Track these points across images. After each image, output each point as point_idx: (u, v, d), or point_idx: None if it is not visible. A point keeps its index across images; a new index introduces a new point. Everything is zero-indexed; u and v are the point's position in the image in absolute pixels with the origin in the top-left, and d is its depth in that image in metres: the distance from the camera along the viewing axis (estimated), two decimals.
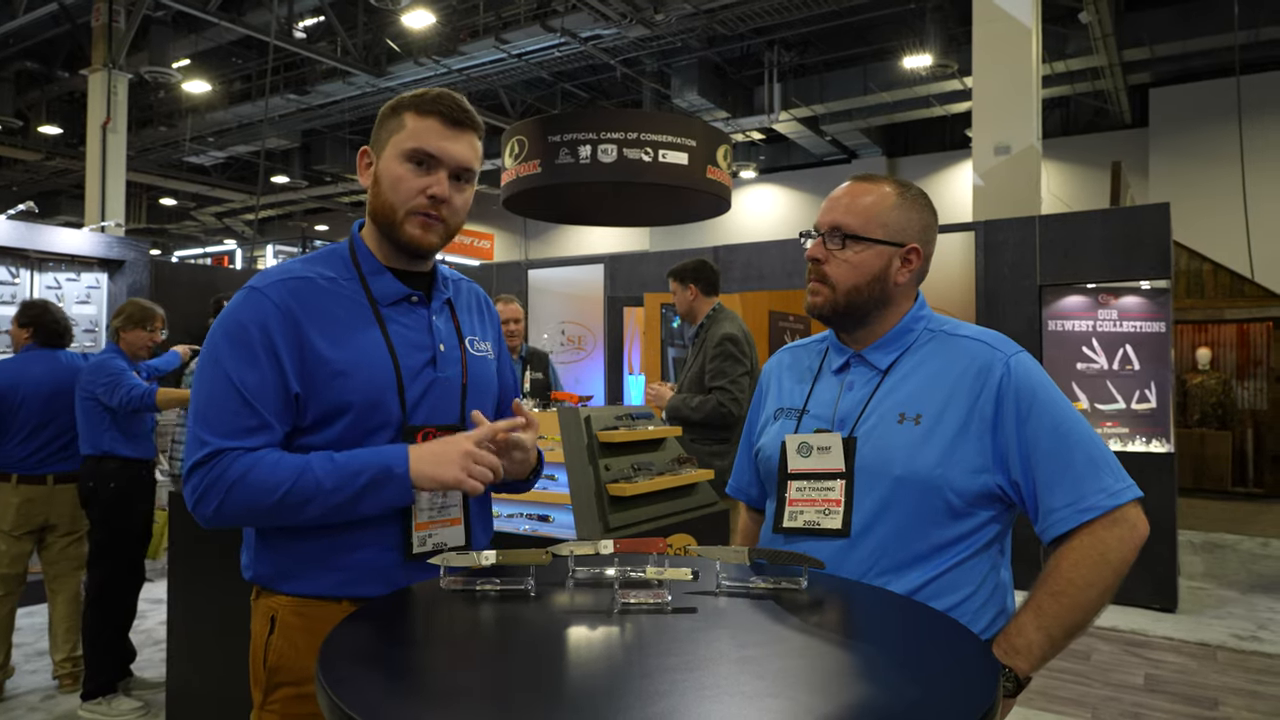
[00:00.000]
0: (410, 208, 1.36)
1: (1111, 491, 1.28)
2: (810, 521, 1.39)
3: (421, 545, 1.36)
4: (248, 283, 1.36)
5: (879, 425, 1.38)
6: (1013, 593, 1.43)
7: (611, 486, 2.53)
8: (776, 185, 16.87)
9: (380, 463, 1.27)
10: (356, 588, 1.32)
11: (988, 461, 1.32)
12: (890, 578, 1.33)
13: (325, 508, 1.26)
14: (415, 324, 1.41)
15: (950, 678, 0.97)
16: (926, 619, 1.16)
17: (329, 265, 1.40)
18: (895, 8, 10.93)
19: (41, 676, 3.93)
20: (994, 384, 1.34)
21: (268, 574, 1.36)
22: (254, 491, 1.25)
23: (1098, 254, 5.49)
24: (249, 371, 1.28)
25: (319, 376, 1.31)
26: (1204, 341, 10.42)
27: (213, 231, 22.95)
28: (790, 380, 1.56)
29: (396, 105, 1.38)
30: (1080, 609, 1.26)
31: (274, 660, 1.33)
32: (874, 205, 1.43)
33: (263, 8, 11.16)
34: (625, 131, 6.41)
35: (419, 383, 1.38)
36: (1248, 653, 4.45)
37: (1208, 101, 11.84)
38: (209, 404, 1.29)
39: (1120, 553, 1.26)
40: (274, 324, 1.30)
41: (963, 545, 1.34)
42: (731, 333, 3.79)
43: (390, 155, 1.36)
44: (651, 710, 0.82)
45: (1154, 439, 5.58)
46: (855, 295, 1.42)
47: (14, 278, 5.18)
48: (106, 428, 3.57)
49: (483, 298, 1.61)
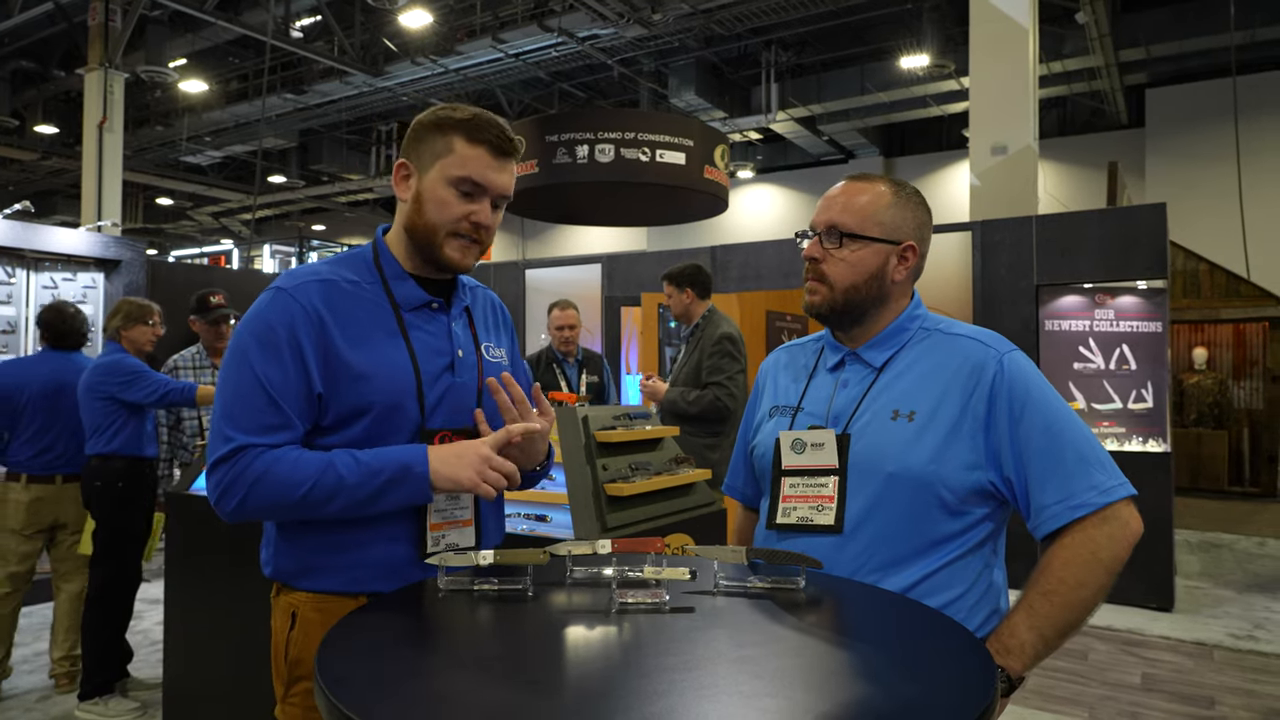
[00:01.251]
0: (451, 230, 1.39)
1: (1103, 489, 1.28)
2: (804, 518, 1.40)
3: (435, 545, 1.39)
4: (274, 283, 1.39)
5: (872, 422, 1.38)
6: (1006, 594, 1.43)
7: (609, 486, 2.53)
8: (774, 185, 16.87)
9: (401, 461, 1.31)
10: (372, 584, 1.36)
11: (980, 459, 1.33)
12: (883, 574, 1.33)
13: (347, 503, 1.30)
14: (435, 330, 1.44)
15: (948, 677, 0.97)
16: (924, 618, 1.16)
17: (352, 269, 1.43)
18: (892, 8, 10.94)
19: (39, 676, 3.92)
20: (987, 382, 1.34)
21: (288, 570, 1.40)
22: (277, 487, 1.28)
23: (1094, 254, 5.50)
24: (275, 370, 1.32)
25: (341, 378, 1.34)
26: (1200, 341, 10.44)
27: (209, 231, 22.91)
28: (786, 378, 1.57)
29: (442, 124, 1.38)
30: (1072, 608, 1.26)
31: (295, 654, 1.37)
32: (870, 204, 1.43)
33: (259, 7, 11.15)
34: (623, 131, 6.42)
35: (437, 387, 1.41)
36: (1244, 652, 4.46)
37: (1204, 102, 11.86)
38: (235, 400, 1.32)
39: (1111, 550, 1.26)
40: (300, 325, 1.33)
41: (956, 543, 1.34)
42: (730, 333, 4.00)
43: (436, 178, 1.38)
44: (649, 710, 0.82)
45: (1150, 439, 5.59)
46: (853, 294, 1.43)
47: (10, 278, 5.16)
48: (118, 428, 3.56)
49: (498, 304, 1.65)
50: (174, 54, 12.08)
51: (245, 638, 2.68)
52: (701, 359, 3.97)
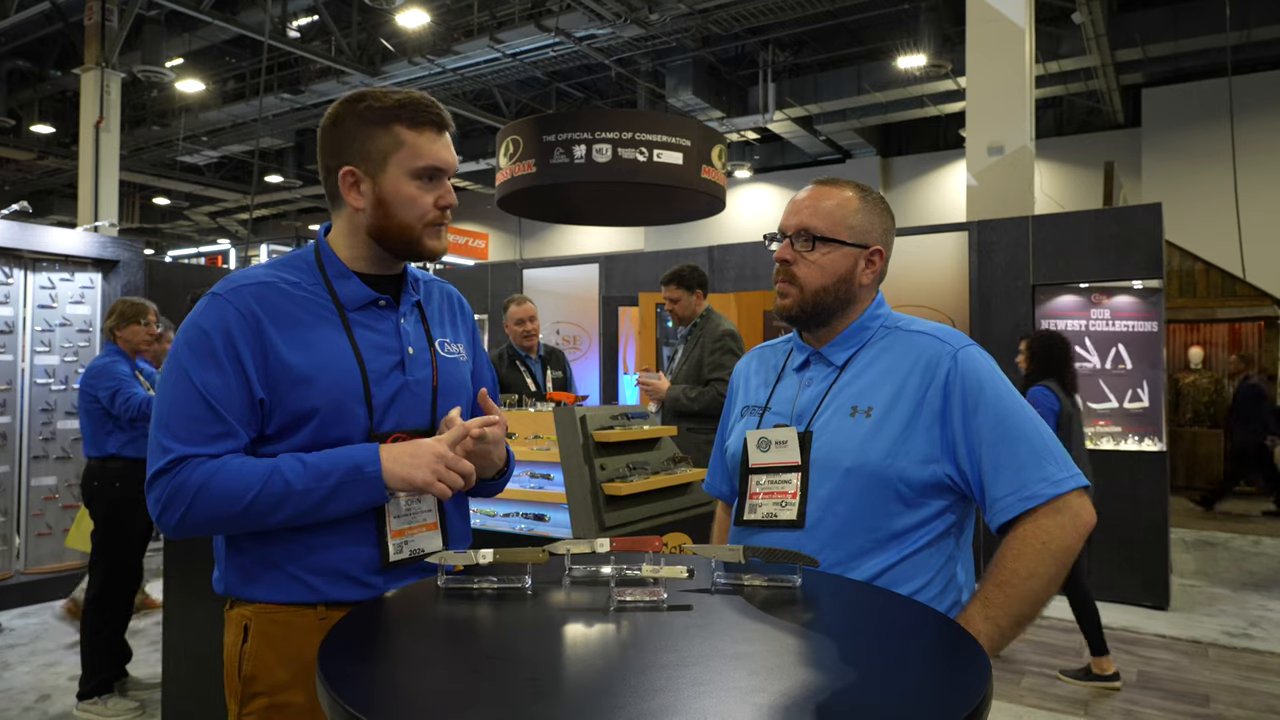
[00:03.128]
0: (427, 222, 1.36)
1: (1054, 480, 1.30)
2: (769, 514, 1.43)
3: (399, 553, 1.35)
4: (210, 289, 1.34)
5: (833, 419, 1.42)
6: (972, 588, 1.44)
7: (607, 486, 2.54)
8: (771, 185, 16.88)
9: (351, 462, 1.26)
10: (329, 593, 1.30)
11: (936, 451, 1.35)
12: (844, 568, 1.36)
13: (296, 511, 1.24)
14: (383, 328, 1.39)
15: (942, 671, 0.98)
16: (918, 614, 1.17)
17: (293, 270, 1.38)
18: (889, 8, 10.96)
19: (36, 676, 3.93)
20: (941, 376, 1.37)
21: (236, 581, 1.34)
22: (220, 498, 1.22)
23: (1090, 254, 5.52)
24: (213, 377, 1.26)
25: (282, 382, 1.28)
26: (1196, 341, 10.47)
27: (206, 231, 22.89)
28: (757, 380, 1.61)
29: (378, 117, 1.32)
30: (1025, 599, 1.28)
31: (249, 670, 1.32)
32: (839, 209, 1.47)
33: (256, 7, 11.14)
34: (620, 131, 6.42)
35: (387, 387, 1.35)
36: (1239, 650, 4.48)
37: (1200, 102, 11.89)
38: (171, 410, 1.26)
39: (1062, 541, 1.28)
40: (236, 329, 1.28)
41: (916, 535, 1.37)
42: (732, 330, 4.10)
43: (396, 175, 1.33)
44: (647, 706, 0.83)
45: (1146, 438, 5.60)
46: (822, 295, 1.46)
47: (7, 278, 5.16)
48: (111, 429, 3.58)
49: (455, 298, 1.58)
50: (171, 54, 12.07)
51: None
52: (703, 356, 4.03)
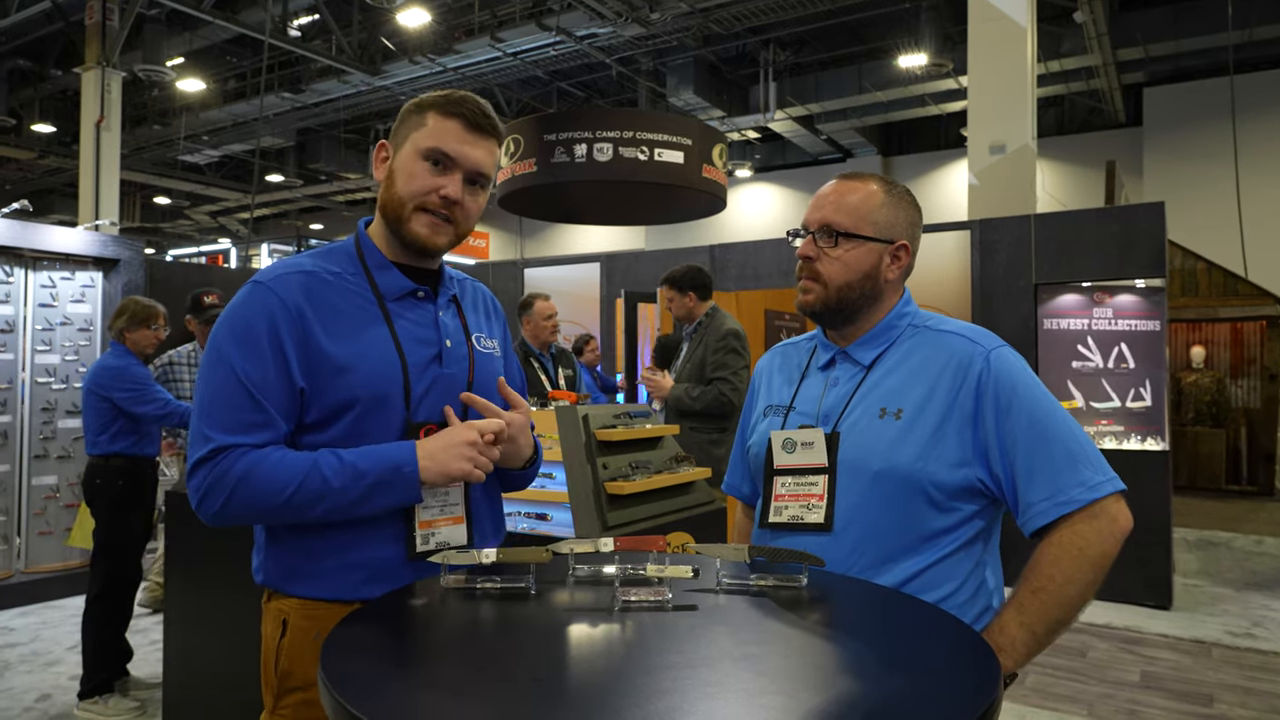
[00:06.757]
0: (419, 203, 1.35)
1: (1090, 485, 1.27)
2: (794, 516, 1.41)
3: (424, 544, 1.35)
4: (253, 277, 1.34)
5: (861, 420, 1.39)
6: (1001, 593, 1.43)
7: (609, 485, 2.54)
8: (772, 184, 16.88)
9: (389, 462, 1.27)
10: (363, 590, 1.31)
11: (968, 455, 1.33)
12: (873, 572, 1.34)
13: (332, 506, 1.26)
14: (421, 319, 1.40)
15: (952, 674, 0.97)
16: (926, 615, 1.16)
17: (334, 260, 1.39)
18: (890, 7, 10.94)
19: (36, 676, 3.92)
20: (974, 378, 1.34)
21: (278, 576, 1.35)
22: (260, 491, 1.24)
23: (1093, 253, 5.51)
24: (254, 367, 1.27)
25: (324, 371, 1.29)
26: (1198, 340, 10.45)
27: (207, 230, 22.90)
28: (780, 378, 1.58)
29: (421, 104, 1.38)
30: (1061, 605, 1.26)
31: (285, 664, 1.33)
32: (863, 203, 1.44)
33: (257, 6, 11.14)
34: (621, 130, 6.41)
35: (424, 379, 1.36)
36: (1242, 649, 4.47)
37: (1202, 101, 11.87)
38: (214, 400, 1.27)
39: (1100, 547, 1.26)
40: (280, 319, 1.29)
41: (945, 540, 1.34)
42: (736, 329, 4.04)
43: (409, 152, 1.35)
44: (653, 708, 0.83)
45: (1149, 437, 5.60)
46: (847, 292, 1.43)
47: (8, 277, 5.15)
48: (117, 429, 3.57)
49: (488, 297, 1.60)
50: (171, 53, 12.06)
51: (245, 637, 2.67)
52: (706, 355, 4.01)
